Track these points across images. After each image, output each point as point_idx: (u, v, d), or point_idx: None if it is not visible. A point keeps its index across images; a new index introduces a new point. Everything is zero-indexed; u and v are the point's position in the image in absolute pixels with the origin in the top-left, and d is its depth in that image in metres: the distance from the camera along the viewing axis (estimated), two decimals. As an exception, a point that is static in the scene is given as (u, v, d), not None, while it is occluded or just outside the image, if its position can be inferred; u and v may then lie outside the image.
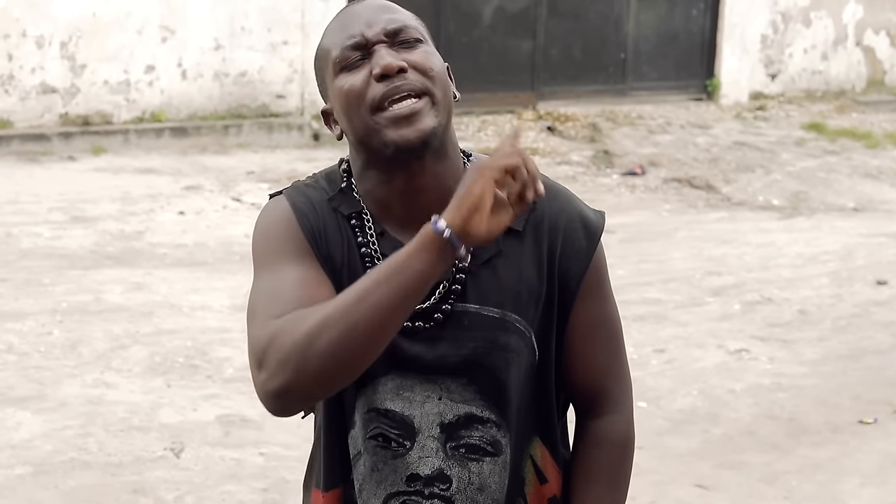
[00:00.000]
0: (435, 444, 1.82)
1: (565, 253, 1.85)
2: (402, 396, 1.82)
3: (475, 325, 1.81)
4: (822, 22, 13.59)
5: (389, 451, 1.84)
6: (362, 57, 1.77)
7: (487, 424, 1.83)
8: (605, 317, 1.91)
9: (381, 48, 1.77)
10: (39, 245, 7.28)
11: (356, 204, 1.84)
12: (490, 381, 1.83)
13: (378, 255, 1.81)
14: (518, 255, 1.84)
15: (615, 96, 12.41)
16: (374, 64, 1.75)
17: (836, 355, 6.02)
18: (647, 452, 4.62)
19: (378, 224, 1.83)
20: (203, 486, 4.37)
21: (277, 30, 10.81)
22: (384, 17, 1.79)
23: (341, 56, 1.78)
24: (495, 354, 1.82)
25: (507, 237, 1.82)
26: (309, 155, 10.19)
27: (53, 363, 5.44)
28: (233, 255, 7.21)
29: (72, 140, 9.90)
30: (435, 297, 1.80)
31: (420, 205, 1.80)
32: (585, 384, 1.91)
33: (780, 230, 8.69)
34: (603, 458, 1.90)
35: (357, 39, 1.78)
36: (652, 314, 6.47)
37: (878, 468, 4.79)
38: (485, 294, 1.81)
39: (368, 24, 1.78)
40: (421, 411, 1.82)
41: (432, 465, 1.83)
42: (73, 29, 10.11)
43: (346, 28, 1.80)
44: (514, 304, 1.82)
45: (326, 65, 1.82)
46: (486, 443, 1.84)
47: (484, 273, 1.82)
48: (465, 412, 1.82)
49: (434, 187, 1.80)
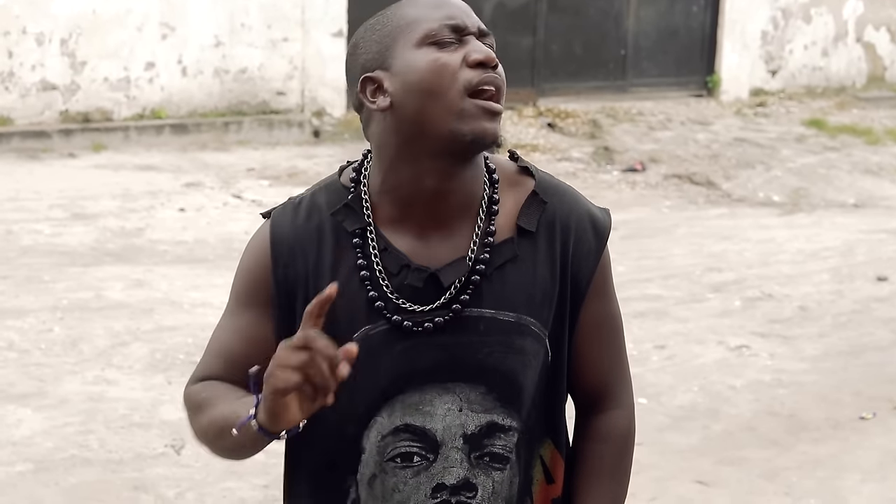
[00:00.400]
0: (459, 454, 1.81)
1: (577, 253, 1.85)
2: (422, 411, 1.81)
3: (491, 329, 1.80)
4: (822, 18, 13.58)
5: (411, 469, 1.82)
6: (454, 41, 1.76)
7: (509, 432, 1.83)
8: (610, 315, 1.91)
9: (474, 40, 1.77)
10: (40, 242, 7.28)
11: (361, 220, 1.81)
12: (508, 387, 1.82)
13: (381, 274, 1.79)
14: (532, 257, 1.83)
15: (615, 93, 12.41)
16: (473, 50, 1.75)
17: (836, 351, 6.02)
18: (648, 448, 4.62)
19: (382, 239, 1.80)
20: (204, 483, 4.37)
21: (277, 26, 10.81)
22: (474, 17, 1.80)
23: (437, 30, 1.75)
24: (512, 358, 1.81)
25: (521, 239, 1.82)
26: (309, 152, 10.19)
27: (54, 360, 5.44)
28: (233, 252, 7.20)
29: (72, 137, 9.90)
30: (446, 295, 1.79)
31: (442, 207, 1.79)
32: (589, 381, 1.91)
33: (780, 226, 8.69)
34: (605, 452, 1.91)
35: (457, 22, 1.76)
36: (652, 310, 6.47)
37: (878, 464, 4.80)
38: (500, 298, 1.80)
39: (466, 14, 1.78)
40: (443, 424, 1.80)
41: (458, 475, 1.81)
42: (73, 26, 10.11)
43: (442, 8, 1.78)
44: (529, 307, 1.82)
45: (405, 33, 1.77)
46: (508, 451, 1.83)
47: (499, 277, 1.81)
48: (487, 421, 1.81)
49: (460, 191, 1.79)
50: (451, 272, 1.79)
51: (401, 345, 1.79)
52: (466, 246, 1.80)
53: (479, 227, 1.81)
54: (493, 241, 1.81)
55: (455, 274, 1.79)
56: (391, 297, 1.79)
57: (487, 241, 1.81)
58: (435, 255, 1.80)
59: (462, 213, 1.81)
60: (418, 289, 1.79)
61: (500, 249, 1.81)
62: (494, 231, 1.81)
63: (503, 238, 1.82)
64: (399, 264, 1.79)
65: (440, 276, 1.79)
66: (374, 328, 1.79)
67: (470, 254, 1.80)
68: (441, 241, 1.80)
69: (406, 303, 1.79)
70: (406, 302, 1.79)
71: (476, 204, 1.82)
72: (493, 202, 1.82)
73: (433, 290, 1.79)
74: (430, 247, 1.80)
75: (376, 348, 1.79)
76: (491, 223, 1.81)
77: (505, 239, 1.82)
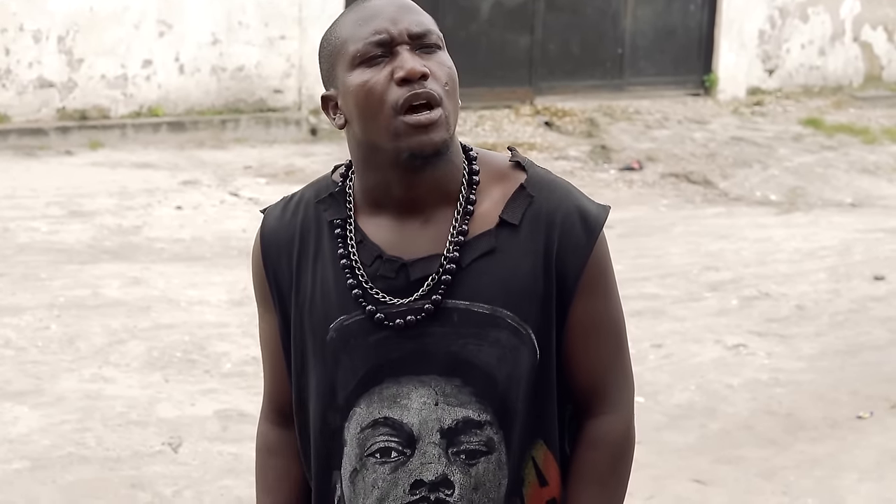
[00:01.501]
0: (437, 449, 1.80)
1: (562, 248, 1.82)
2: (399, 404, 1.81)
3: (465, 321, 1.80)
4: (819, 17, 13.59)
5: (389, 464, 1.82)
6: (383, 54, 1.76)
7: (485, 427, 1.82)
8: (605, 314, 1.87)
9: (404, 50, 1.75)
10: (37, 240, 7.27)
11: (342, 210, 1.86)
12: (483, 380, 1.81)
13: (357, 264, 1.82)
14: (513, 249, 1.81)
15: (612, 91, 12.41)
16: (399, 66, 1.74)
17: (833, 350, 6.02)
18: (645, 447, 4.62)
19: (359, 231, 1.84)
20: (201, 481, 4.37)
21: (274, 24, 10.80)
22: (409, 17, 1.78)
23: (363, 50, 1.76)
24: (486, 351, 1.80)
25: (501, 231, 1.81)
26: (306, 150, 10.19)
27: (51, 358, 5.44)
28: (230, 250, 7.20)
29: (69, 134, 9.89)
30: (421, 290, 1.80)
31: (416, 198, 1.81)
32: (582, 383, 1.88)
33: (777, 225, 8.69)
34: (597, 459, 1.87)
35: (382, 37, 1.76)
36: (649, 309, 6.47)
37: (875, 463, 4.80)
38: (475, 290, 1.80)
39: (393, 22, 1.76)
40: (419, 418, 1.80)
41: (436, 471, 1.81)
42: (70, 23, 10.10)
43: (368, 22, 1.77)
44: (505, 300, 1.80)
45: (340, 55, 1.80)
46: (482, 446, 1.82)
47: (475, 268, 1.80)
48: (462, 416, 1.81)
49: (433, 189, 1.81)
50: (421, 267, 1.80)
51: (376, 335, 1.81)
52: (443, 239, 1.81)
53: (454, 225, 1.81)
54: (467, 238, 1.81)
55: (425, 269, 1.80)
56: (367, 288, 1.82)
57: (459, 239, 1.81)
58: (410, 247, 1.82)
59: (438, 204, 1.82)
60: (392, 280, 1.81)
61: (478, 242, 1.81)
62: (467, 230, 1.81)
63: (484, 230, 1.82)
64: (373, 255, 1.82)
65: (409, 269, 1.80)
66: (349, 318, 1.82)
67: (445, 252, 1.81)
68: (418, 232, 1.82)
69: (381, 294, 1.81)
70: (381, 293, 1.81)
71: (454, 198, 1.83)
72: (469, 202, 1.82)
73: (406, 280, 1.81)
74: (407, 239, 1.82)
75: (352, 338, 1.82)
76: (465, 222, 1.82)
77: (485, 231, 1.82)
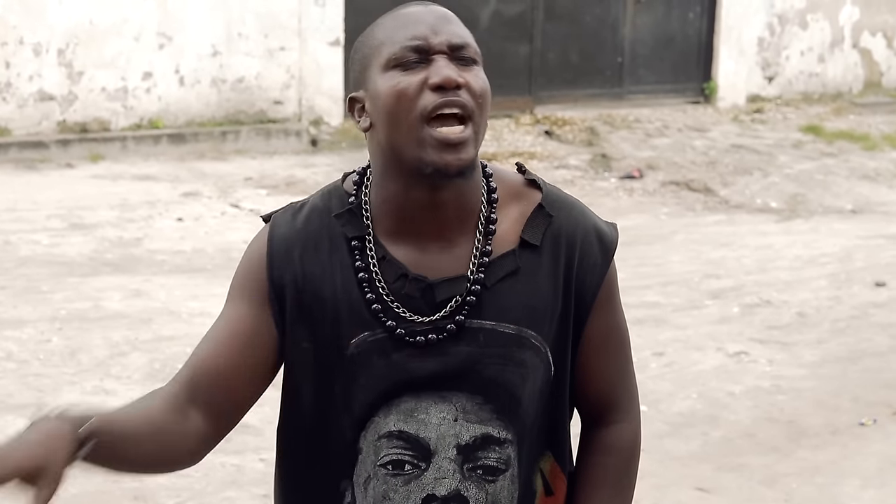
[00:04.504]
0: (452, 465, 1.79)
1: (581, 268, 1.84)
2: (417, 419, 1.79)
3: (491, 341, 1.79)
4: (818, 24, 13.60)
5: (402, 477, 1.80)
6: (419, 61, 1.74)
7: (504, 445, 1.81)
8: (616, 328, 1.91)
9: (441, 59, 1.74)
10: (38, 252, 7.28)
11: (362, 227, 1.81)
12: (506, 399, 1.81)
13: (380, 281, 1.79)
14: (535, 270, 1.82)
15: (612, 100, 12.42)
16: (434, 73, 1.72)
17: (834, 357, 6.02)
18: (648, 456, 4.60)
19: (381, 247, 1.80)
20: (204, 493, 4.37)
21: (274, 36, 10.82)
22: (449, 28, 1.76)
23: (399, 53, 1.74)
24: (511, 370, 1.80)
25: (524, 252, 1.82)
26: (307, 161, 10.20)
27: (53, 371, 5.44)
28: (231, 262, 7.19)
29: (70, 147, 9.90)
30: (446, 310, 1.79)
31: (438, 218, 1.79)
32: (596, 395, 1.91)
33: (778, 233, 8.69)
34: (611, 464, 1.90)
35: (420, 42, 1.74)
36: (651, 317, 6.47)
37: (877, 470, 4.80)
38: (502, 310, 1.80)
39: (434, 31, 1.75)
40: (437, 433, 1.79)
41: (449, 486, 1.79)
42: (70, 36, 10.12)
43: (408, 27, 1.75)
44: (529, 320, 1.81)
45: (374, 56, 1.77)
46: (502, 463, 1.82)
47: (501, 288, 1.80)
48: (481, 433, 1.80)
49: (454, 202, 1.79)
50: (447, 288, 1.79)
51: (399, 353, 1.79)
52: (466, 260, 1.80)
53: (476, 245, 1.81)
54: (491, 259, 1.80)
55: (451, 290, 1.79)
56: (391, 306, 1.79)
57: (483, 260, 1.80)
58: (434, 267, 1.80)
59: (460, 224, 1.81)
60: (416, 298, 1.79)
61: (502, 262, 1.81)
62: (491, 251, 1.80)
63: (506, 250, 1.82)
64: (397, 273, 1.79)
65: (435, 290, 1.79)
66: (372, 335, 1.79)
67: (469, 274, 1.79)
68: (440, 252, 1.80)
69: (405, 312, 1.79)
70: (405, 311, 1.79)
71: (475, 217, 1.81)
72: (491, 221, 1.82)
73: (431, 300, 1.79)
74: (429, 258, 1.80)
75: (374, 355, 1.79)
76: (488, 242, 1.81)
77: (507, 251, 1.82)
